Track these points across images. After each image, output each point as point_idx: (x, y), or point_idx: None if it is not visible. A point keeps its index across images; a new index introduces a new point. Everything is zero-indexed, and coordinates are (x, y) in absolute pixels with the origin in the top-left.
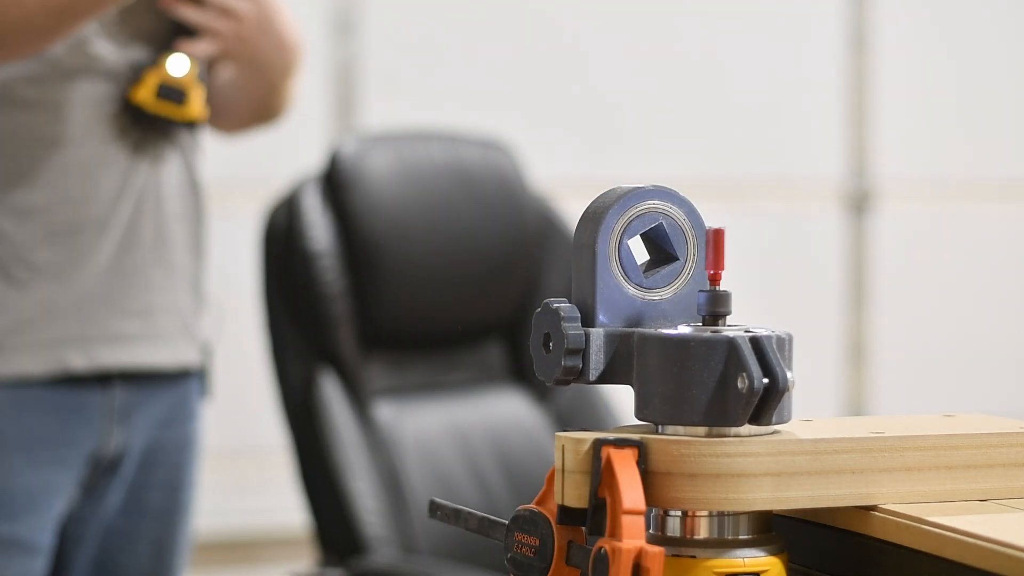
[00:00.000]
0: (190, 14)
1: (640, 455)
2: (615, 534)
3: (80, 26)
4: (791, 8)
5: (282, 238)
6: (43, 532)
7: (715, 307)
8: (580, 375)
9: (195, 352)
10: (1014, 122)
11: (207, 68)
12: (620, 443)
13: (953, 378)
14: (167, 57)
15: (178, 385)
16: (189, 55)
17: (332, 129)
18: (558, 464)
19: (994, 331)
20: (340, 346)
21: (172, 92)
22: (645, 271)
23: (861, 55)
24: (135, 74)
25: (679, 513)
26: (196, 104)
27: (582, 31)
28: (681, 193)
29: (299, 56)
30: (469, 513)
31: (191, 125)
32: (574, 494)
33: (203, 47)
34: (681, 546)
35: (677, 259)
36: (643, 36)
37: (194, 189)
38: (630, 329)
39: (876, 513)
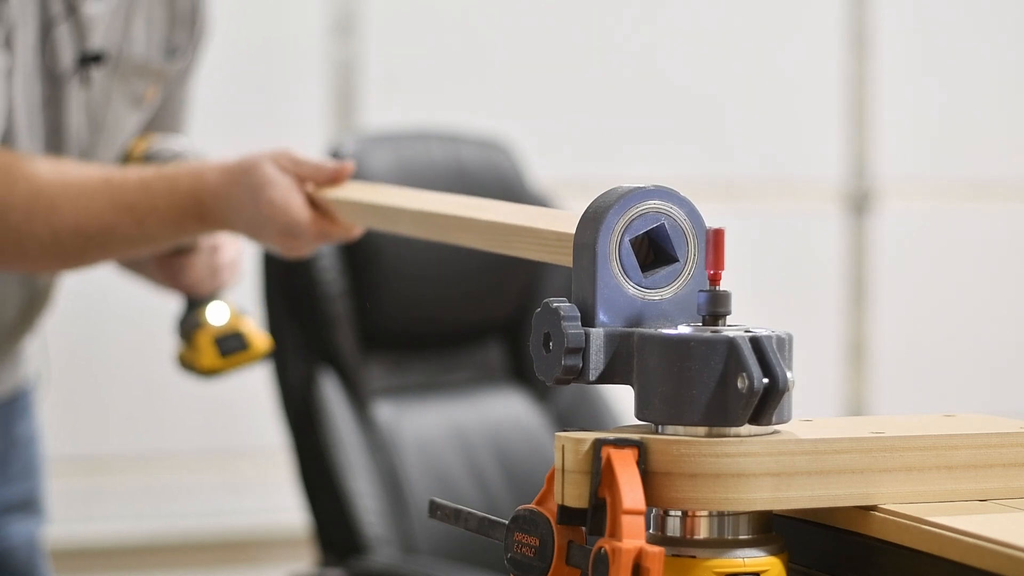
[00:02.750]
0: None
1: (640, 455)
2: (615, 534)
3: (105, 261)
4: (791, 8)
5: None
6: None
7: (715, 307)
8: (580, 375)
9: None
10: (1014, 122)
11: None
12: (620, 443)
13: (953, 378)
14: (204, 311)
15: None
16: (220, 298)
17: (332, 128)
18: (558, 464)
19: (994, 331)
20: (340, 346)
21: (231, 342)
22: (645, 271)
23: (861, 55)
24: (185, 340)
25: (679, 513)
26: (258, 339)
27: (581, 31)
28: (681, 193)
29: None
30: (469, 513)
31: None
32: (574, 494)
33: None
34: (681, 546)
35: (677, 259)
36: (643, 36)
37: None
38: (630, 329)
39: (876, 513)
